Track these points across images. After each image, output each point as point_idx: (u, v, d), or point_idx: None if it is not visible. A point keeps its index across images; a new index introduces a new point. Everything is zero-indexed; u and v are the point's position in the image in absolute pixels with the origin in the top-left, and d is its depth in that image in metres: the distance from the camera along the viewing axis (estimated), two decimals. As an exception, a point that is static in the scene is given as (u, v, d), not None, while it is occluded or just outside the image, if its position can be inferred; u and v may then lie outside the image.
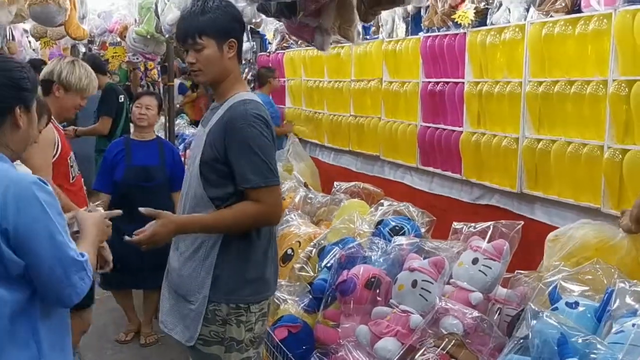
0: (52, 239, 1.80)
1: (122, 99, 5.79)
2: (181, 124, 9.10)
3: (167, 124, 5.01)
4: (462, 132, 5.06)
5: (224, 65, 2.50)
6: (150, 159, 4.47)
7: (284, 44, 8.28)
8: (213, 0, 2.50)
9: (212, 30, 2.45)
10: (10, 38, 6.48)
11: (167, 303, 2.63)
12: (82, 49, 8.66)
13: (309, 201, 4.49)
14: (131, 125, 5.08)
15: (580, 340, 1.93)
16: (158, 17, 4.22)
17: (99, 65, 5.44)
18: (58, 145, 3.46)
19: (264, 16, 4.15)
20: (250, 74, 10.23)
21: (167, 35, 4.11)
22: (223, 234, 2.45)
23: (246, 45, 9.03)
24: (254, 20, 3.77)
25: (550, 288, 2.31)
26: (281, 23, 4.18)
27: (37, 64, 5.48)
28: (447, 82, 5.22)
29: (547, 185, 4.31)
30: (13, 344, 1.81)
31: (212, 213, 2.44)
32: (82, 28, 3.84)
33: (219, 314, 2.46)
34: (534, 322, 2.04)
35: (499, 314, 2.75)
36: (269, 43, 8.82)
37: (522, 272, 2.78)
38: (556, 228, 4.18)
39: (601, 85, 3.77)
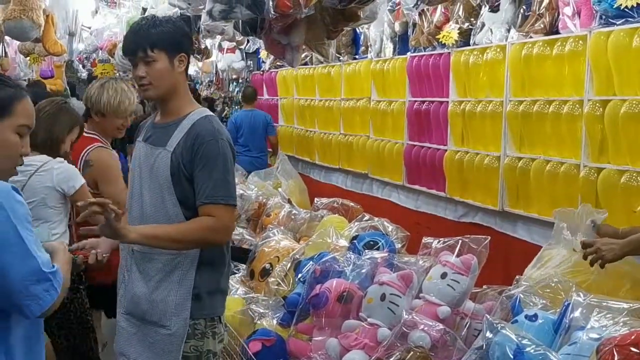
0: (15, 249, 1.74)
1: None
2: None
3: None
4: (446, 150, 5.12)
5: (175, 80, 2.44)
6: None
7: (277, 63, 8.38)
8: (162, 16, 2.52)
9: (164, 44, 2.39)
10: (3, 55, 6.58)
11: (126, 332, 2.54)
12: (81, 66, 8.74)
13: (293, 217, 4.53)
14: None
15: (533, 352, 1.97)
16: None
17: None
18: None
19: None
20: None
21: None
22: (199, 253, 2.42)
23: (241, 64, 9.16)
24: (237, 39, 3.83)
25: (512, 301, 2.36)
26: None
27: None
28: (432, 102, 5.30)
29: (527, 203, 4.35)
30: None
31: (172, 226, 2.39)
32: (60, 44, 3.91)
33: (199, 328, 2.45)
34: (491, 334, 2.09)
35: (467, 327, 2.78)
36: (263, 62, 8.93)
37: (489, 286, 2.81)
38: (537, 246, 4.24)
39: (577, 105, 3.83)
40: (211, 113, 2.53)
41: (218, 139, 2.38)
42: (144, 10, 4.63)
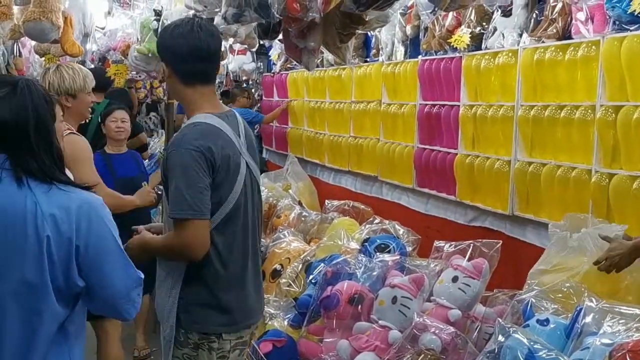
0: (117, 258, 1.88)
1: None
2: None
3: (167, 141, 5.11)
4: (456, 154, 5.12)
5: (175, 88, 2.55)
6: (130, 170, 4.57)
7: (288, 65, 8.40)
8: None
9: (165, 55, 2.57)
10: (17, 54, 6.63)
11: None
12: (91, 66, 8.77)
13: (303, 219, 4.55)
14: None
15: (545, 356, 1.98)
16: (157, 36, 4.33)
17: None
18: None
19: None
20: (257, 93, 10.39)
21: (163, 54, 4.21)
22: (185, 266, 2.43)
23: (252, 65, 9.19)
24: (248, 41, 3.85)
25: (523, 305, 2.37)
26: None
27: None
28: (443, 105, 5.29)
29: (538, 207, 4.35)
30: (54, 356, 1.87)
31: (156, 239, 2.54)
32: (78, 45, 3.94)
33: (191, 338, 2.46)
34: (503, 338, 2.10)
35: (478, 331, 2.79)
36: (274, 64, 8.95)
37: (500, 290, 2.82)
38: (547, 251, 4.25)
39: (589, 110, 3.83)
40: (205, 121, 2.44)
41: (180, 148, 2.34)
42: (156, 12, 4.65)
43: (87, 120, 5.29)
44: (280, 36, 3.70)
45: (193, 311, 2.44)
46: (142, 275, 1.97)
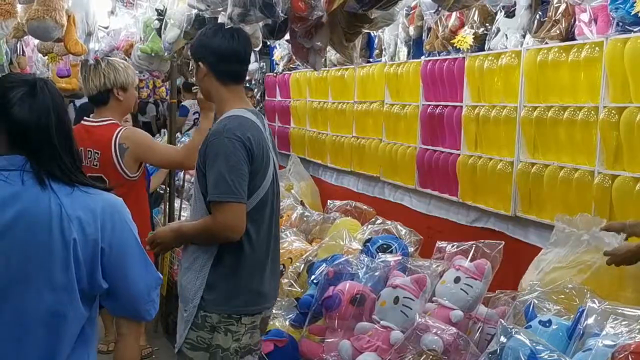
0: (139, 258, 1.89)
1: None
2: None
3: (169, 141, 5.10)
4: (459, 155, 5.11)
5: (207, 84, 2.74)
6: None
7: (291, 65, 8.40)
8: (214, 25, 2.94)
9: (196, 53, 2.80)
10: (21, 53, 6.63)
11: (179, 311, 2.74)
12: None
13: (305, 219, 4.55)
14: None
15: (547, 357, 1.98)
16: (159, 36, 4.32)
17: None
18: None
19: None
20: (260, 93, 10.39)
21: (166, 54, 4.21)
22: (216, 250, 2.57)
23: (254, 65, 9.19)
24: (251, 40, 3.84)
25: (525, 306, 2.37)
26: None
27: None
28: (446, 106, 5.29)
29: (540, 209, 4.35)
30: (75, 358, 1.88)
31: (190, 224, 2.65)
32: (81, 44, 3.95)
33: (209, 321, 2.56)
34: (505, 339, 2.09)
35: (480, 332, 2.79)
36: (277, 64, 8.95)
37: (502, 291, 2.82)
38: (549, 252, 4.23)
39: (592, 112, 3.83)
40: (242, 114, 2.62)
41: (222, 136, 2.50)
42: (158, 12, 4.65)
43: None
44: (287, 36, 3.71)
45: (218, 292, 2.56)
46: (162, 275, 1.99)
